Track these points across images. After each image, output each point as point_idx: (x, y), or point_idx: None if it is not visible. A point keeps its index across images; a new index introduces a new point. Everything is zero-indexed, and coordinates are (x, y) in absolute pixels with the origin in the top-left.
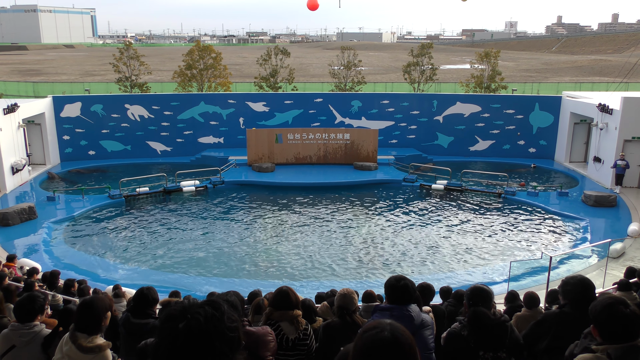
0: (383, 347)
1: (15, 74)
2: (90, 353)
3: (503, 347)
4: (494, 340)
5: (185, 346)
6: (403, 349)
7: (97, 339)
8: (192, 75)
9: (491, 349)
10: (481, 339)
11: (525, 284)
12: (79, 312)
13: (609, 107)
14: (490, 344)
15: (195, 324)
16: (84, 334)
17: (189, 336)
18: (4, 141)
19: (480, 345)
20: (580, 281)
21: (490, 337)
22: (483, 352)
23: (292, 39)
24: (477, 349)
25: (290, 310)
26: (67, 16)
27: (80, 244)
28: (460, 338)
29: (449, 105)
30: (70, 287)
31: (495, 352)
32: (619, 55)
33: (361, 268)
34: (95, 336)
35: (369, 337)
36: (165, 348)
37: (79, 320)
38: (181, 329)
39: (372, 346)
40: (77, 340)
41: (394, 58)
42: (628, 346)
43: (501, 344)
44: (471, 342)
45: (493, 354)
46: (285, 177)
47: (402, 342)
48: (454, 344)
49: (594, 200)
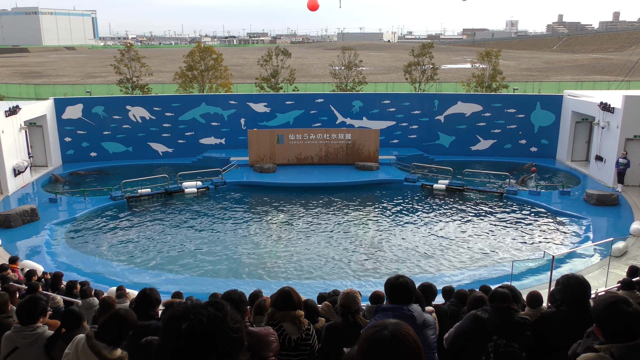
0: (382, 346)
1: (17, 77)
2: None
3: (517, 340)
4: (511, 327)
5: (188, 347)
6: (402, 348)
7: (117, 351)
8: (193, 76)
9: (506, 337)
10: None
11: (527, 283)
12: (108, 323)
13: (610, 106)
14: (507, 331)
15: (199, 324)
16: (104, 344)
17: (192, 337)
18: (5, 143)
19: (496, 329)
20: (570, 279)
21: (508, 324)
22: (497, 337)
23: (292, 39)
24: (493, 333)
25: (292, 311)
26: (68, 18)
27: (82, 246)
28: (479, 319)
29: (450, 105)
30: (73, 289)
31: (509, 340)
32: (620, 53)
33: (363, 268)
34: (115, 348)
35: (369, 336)
36: (169, 349)
37: (105, 330)
38: (184, 330)
39: (372, 345)
40: (100, 350)
41: (394, 58)
42: (631, 345)
43: (517, 335)
44: (489, 325)
45: (506, 341)
46: (286, 177)
47: (401, 341)
48: (471, 323)
49: (596, 199)
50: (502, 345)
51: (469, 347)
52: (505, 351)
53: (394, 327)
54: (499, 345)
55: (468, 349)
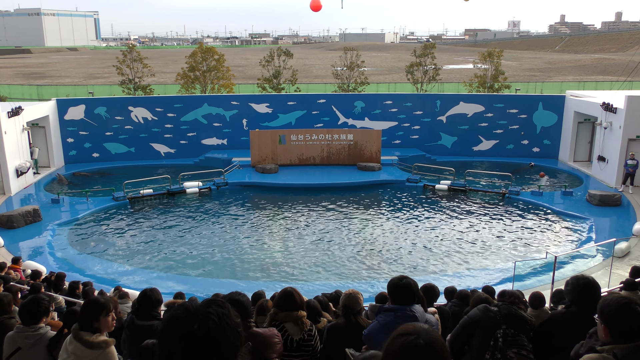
0: (417, 355)
1: (19, 78)
2: (97, 348)
3: (525, 333)
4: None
5: (201, 347)
6: (437, 356)
7: (101, 336)
8: (195, 77)
9: (514, 327)
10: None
11: (530, 283)
12: (83, 312)
13: (613, 106)
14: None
15: (211, 324)
16: (87, 332)
17: (206, 337)
18: (8, 144)
19: (506, 320)
20: (584, 281)
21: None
22: (505, 327)
23: (294, 40)
24: (502, 322)
25: (294, 311)
26: (70, 19)
27: (85, 246)
28: (490, 310)
29: (452, 105)
30: (75, 289)
31: (517, 331)
32: (623, 53)
33: (365, 269)
34: (100, 334)
35: (403, 343)
36: (180, 352)
37: (83, 319)
38: (197, 331)
39: (407, 353)
40: (82, 337)
41: (396, 58)
42: (634, 346)
43: (524, 329)
44: (498, 315)
45: (515, 331)
46: (288, 178)
47: (437, 351)
48: (482, 312)
49: (598, 199)
50: (510, 334)
51: (478, 333)
52: (514, 339)
53: (427, 335)
54: (507, 333)
55: (477, 335)
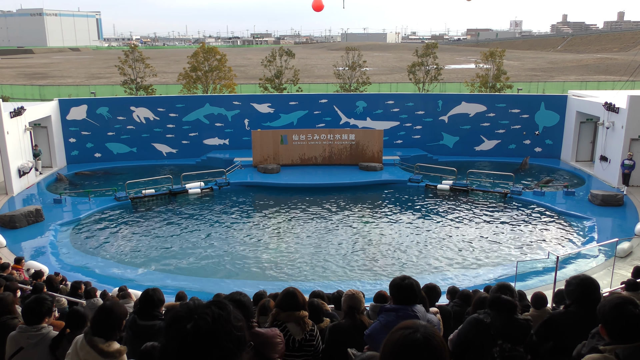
0: (414, 348)
1: (22, 78)
2: (110, 358)
3: (521, 343)
4: (515, 330)
5: (193, 346)
6: (434, 351)
7: (114, 344)
8: (197, 77)
9: (510, 341)
10: (503, 327)
11: (531, 283)
12: (97, 317)
13: (615, 106)
14: (511, 334)
15: (203, 324)
16: (101, 339)
17: (197, 336)
18: (10, 144)
19: (500, 333)
20: (583, 280)
21: (512, 327)
22: (502, 342)
23: (296, 40)
24: (497, 337)
25: (296, 311)
26: (72, 19)
27: (87, 246)
28: (482, 324)
29: (454, 105)
30: (77, 289)
31: (513, 344)
32: (625, 53)
33: (367, 269)
34: (112, 341)
35: (401, 336)
36: (173, 349)
37: (97, 324)
38: (189, 330)
39: (403, 347)
40: (97, 344)
41: (398, 58)
42: (636, 346)
43: (521, 338)
44: (492, 329)
45: (511, 345)
46: (290, 178)
47: (433, 346)
48: (475, 328)
49: (600, 199)
50: (507, 349)
51: (473, 351)
52: (511, 355)
53: (425, 330)
54: (504, 349)
55: (471, 352)
